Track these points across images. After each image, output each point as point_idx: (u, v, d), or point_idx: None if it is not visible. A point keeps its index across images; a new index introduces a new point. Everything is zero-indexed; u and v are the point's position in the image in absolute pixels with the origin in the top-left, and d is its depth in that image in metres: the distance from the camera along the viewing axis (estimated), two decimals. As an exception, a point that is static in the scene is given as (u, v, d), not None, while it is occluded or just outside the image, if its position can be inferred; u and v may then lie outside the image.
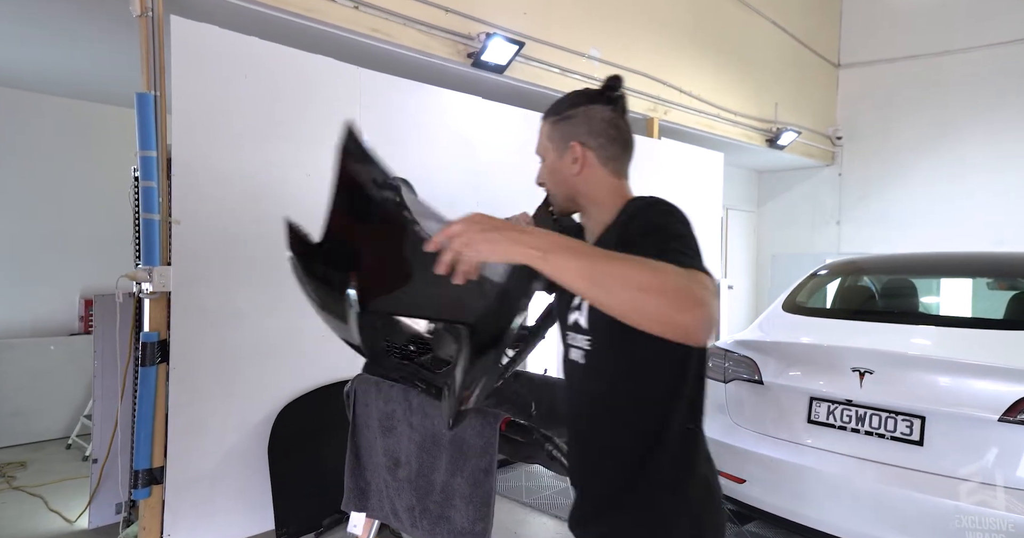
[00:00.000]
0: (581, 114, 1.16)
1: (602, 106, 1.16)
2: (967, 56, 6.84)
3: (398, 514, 1.63)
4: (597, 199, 1.17)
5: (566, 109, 1.17)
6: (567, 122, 1.16)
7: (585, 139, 1.15)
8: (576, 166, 1.16)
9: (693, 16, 5.42)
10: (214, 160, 2.64)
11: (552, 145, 1.18)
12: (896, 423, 2.27)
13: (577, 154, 1.15)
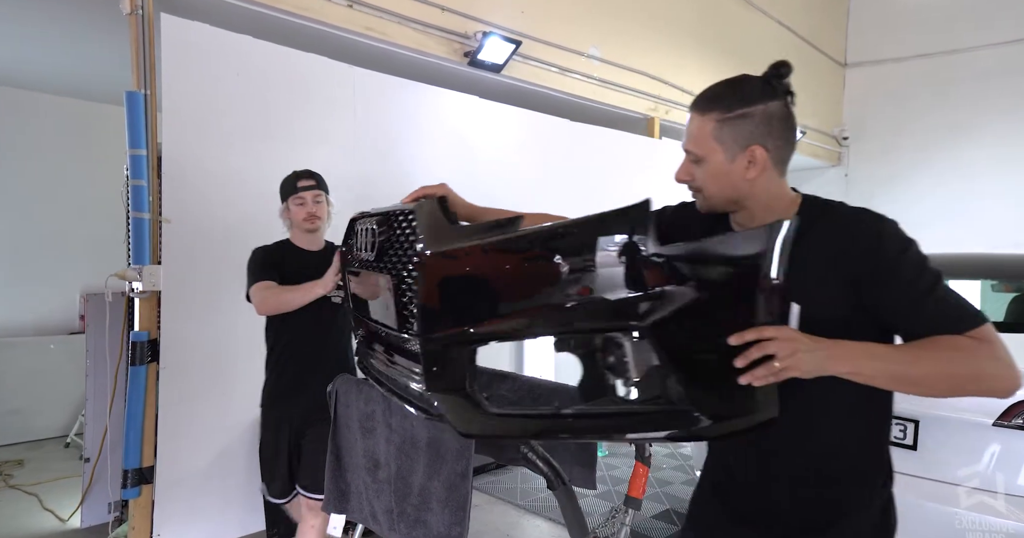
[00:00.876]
0: (760, 113, 1.05)
1: (778, 102, 1.06)
2: (976, 54, 6.74)
3: (377, 517, 1.61)
4: (766, 202, 1.09)
5: (740, 105, 1.05)
6: (743, 121, 1.05)
7: (764, 141, 1.05)
8: (752, 170, 1.06)
9: (695, 14, 5.37)
10: (205, 159, 2.63)
11: (721, 146, 1.06)
12: (905, 429, 2.22)
13: (756, 158, 1.05)
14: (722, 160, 1.06)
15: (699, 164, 1.09)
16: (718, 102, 1.06)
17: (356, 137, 3.12)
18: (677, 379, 0.91)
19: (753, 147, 1.04)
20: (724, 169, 1.06)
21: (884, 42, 7.46)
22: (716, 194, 1.10)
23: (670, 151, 5.02)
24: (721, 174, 1.07)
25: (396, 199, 3.45)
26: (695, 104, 1.09)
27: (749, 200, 1.09)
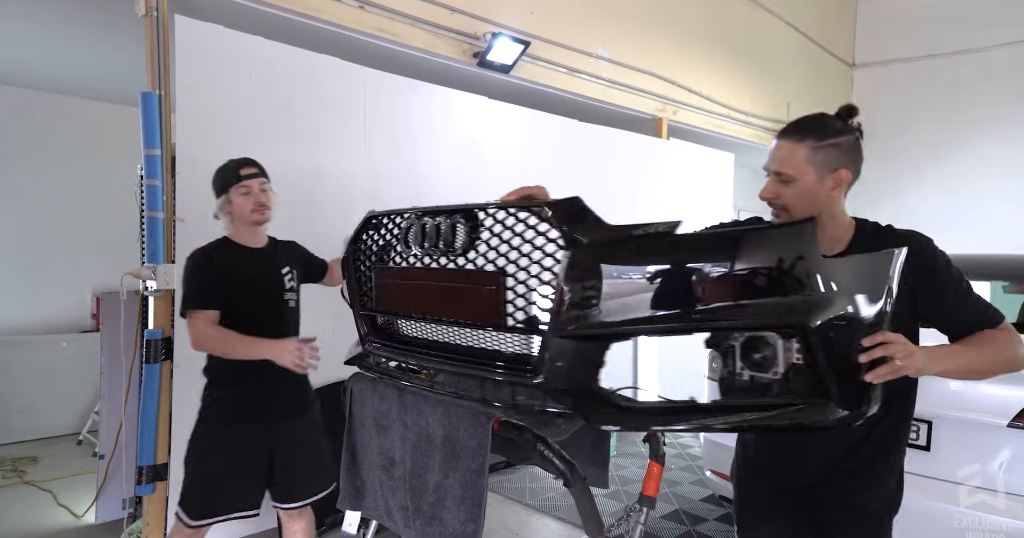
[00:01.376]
0: (845, 143, 1.28)
1: (854, 137, 1.31)
2: (986, 55, 6.71)
3: (392, 513, 1.62)
4: (837, 217, 1.34)
5: (831, 135, 1.28)
6: (834, 149, 1.27)
7: (848, 165, 1.29)
8: (835, 190, 1.29)
9: (703, 15, 5.37)
10: (218, 159, 2.63)
11: (813, 168, 1.27)
12: (918, 429, 2.22)
13: (841, 179, 1.28)
14: (812, 180, 1.28)
15: (788, 184, 1.30)
16: (811, 132, 1.28)
17: (366, 137, 3.14)
18: (821, 375, 0.98)
19: (843, 169, 1.28)
20: (813, 189, 1.28)
21: (892, 42, 7.43)
22: (800, 211, 1.30)
23: (679, 152, 5.02)
24: (810, 192, 1.28)
25: (406, 197, 3.46)
26: (789, 134, 1.31)
27: (827, 216, 1.31)
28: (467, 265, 1.24)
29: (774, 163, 1.32)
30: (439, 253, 1.28)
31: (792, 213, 1.32)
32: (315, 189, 2.95)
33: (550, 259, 1.08)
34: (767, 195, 1.34)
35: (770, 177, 1.34)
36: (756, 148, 6.26)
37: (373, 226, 1.53)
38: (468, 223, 1.24)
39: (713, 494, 3.45)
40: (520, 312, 1.12)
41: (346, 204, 3.06)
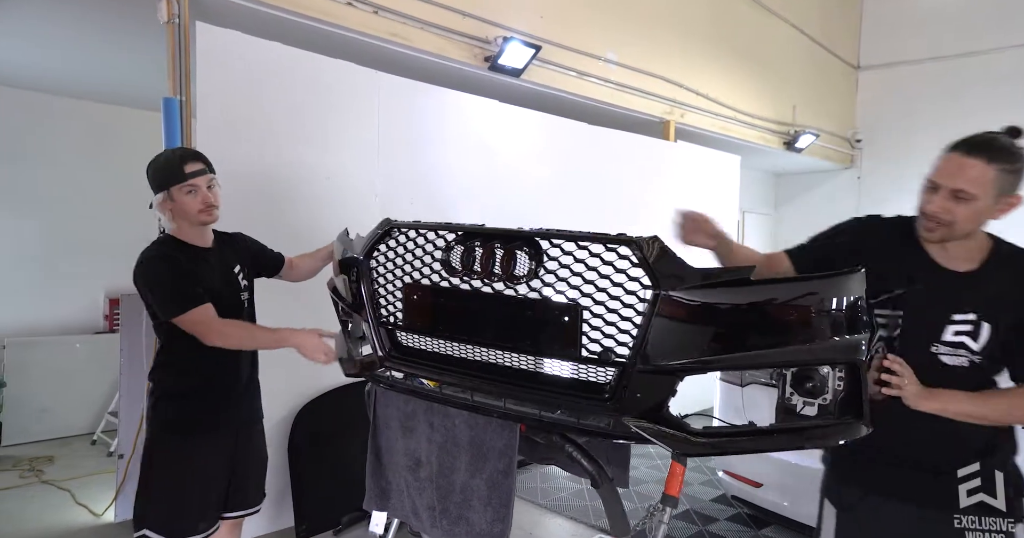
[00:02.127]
0: (1022, 170, 1.30)
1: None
2: (992, 57, 6.73)
3: (418, 513, 1.65)
4: (979, 237, 1.38)
5: (1017, 161, 1.29)
6: (1016, 175, 1.30)
7: (1020, 192, 1.33)
8: (1001, 213, 1.33)
9: (710, 18, 5.40)
10: (237, 163, 2.69)
11: (994, 190, 1.29)
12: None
13: (1012, 204, 1.32)
14: (989, 202, 1.30)
15: (966, 202, 1.30)
16: (1003, 155, 1.29)
17: (380, 140, 3.18)
18: (859, 400, 1.15)
19: (1014, 196, 1.31)
20: (986, 209, 1.31)
21: (897, 44, 7.45)
22: (967, 229, 1.33)
23: (686, 154, 5.06)
24: (983, 212, 1.31)
25: (419, 200, 3.48)
26: (979, 152, 1.29)
27: (974, 232, 1.35)
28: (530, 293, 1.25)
29: (957, 180, 1.30)
30: (496, 279, 1.27)
31: (955, 231, 1.33)
32: (329, 191, 2.99)
33: (633, 296, 1.14)
34: (937, 211, 1.33)
35: (941, 192, 1.32)
36: (763, 150, 6.29)
37: (394, 236, 1.49)
38: (532, 250, 1.24)
39: (724, 494, 3.48)
40: (596, 344, 1.18)
41: (360, 206, 3.10)
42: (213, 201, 1.84)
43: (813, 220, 8.56)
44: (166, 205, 1.82)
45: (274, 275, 2.17)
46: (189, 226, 1.85)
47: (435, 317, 1.43)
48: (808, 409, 1.16)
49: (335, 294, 1.77)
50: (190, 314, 1.74)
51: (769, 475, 2.63)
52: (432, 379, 1.58)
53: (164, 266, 1.77)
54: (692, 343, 1.13)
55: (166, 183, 1.80)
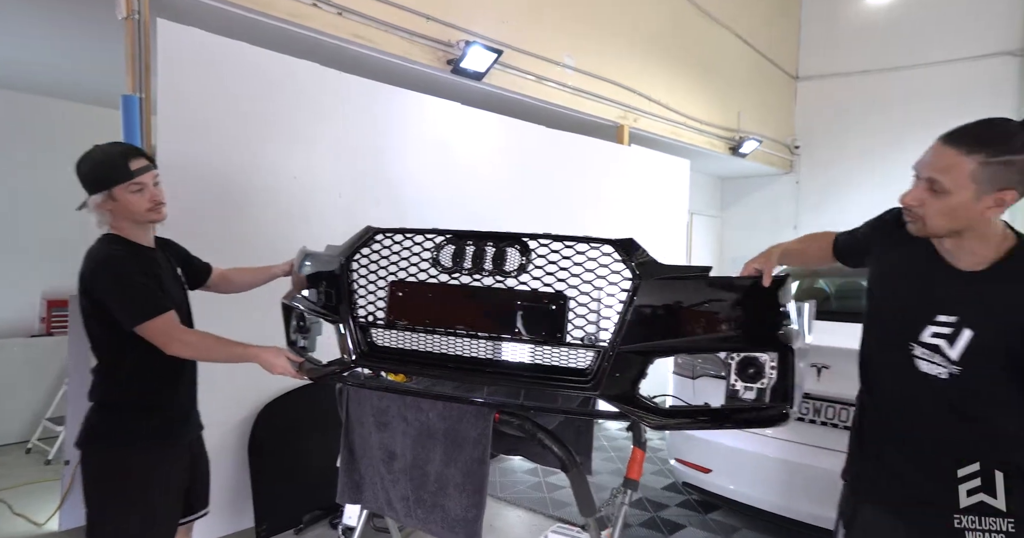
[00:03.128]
0: (1021, 162, 1.10)
1: None
2: (908, 73, 7.26)
3: (392, 504, 1.71)
4: (986, 235, 1.20)
5: (1009, 151, 1.10)
6: (1007, 167, 1.11)
7: (1018, 186, 1.13)
8: (991, 211, 1.15)
9: (662, 28, 5.63)
10: (199, 162, 2.67)
11: (975, 185, 1.12)
12: (849, 413, 2.47)
13: (1004, 201, 1.13)
14: (969, 198, 1.14)
15: (939, 195, 1.16)
16: (986, 144, 1.11)
17: (345, 141, 3.20)
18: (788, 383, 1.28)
19: (1007, 191, 1.13)
20: (966, 205, 1.14)
21: (830, 58, 7.93)
22: (941, 225, 1.19)
23: (639, 158, 5.26)
24: (962, 208, 1.15)
25: (383, 201, 3.51)
26: (957, 140, 1.15)
27: (970, 231, 1.19)
28: (518, 286, 1.37)
29: (930, 169, 1.17)
30: (487, 274, 1.40)
31: (928, 227, 1.21)
32: (295, 191, 2.99)
33: (615, 287, 1.30)
34: (911, 202, 1.22)
35: (918, 182, 1.20)
36: (710, 155, 6.58)
37: (378, 240, 1.56)
38: (521, 247, 1.38)
39: (674, 482, 3.66)
40: (579, 330, 1.32)
41: (325, 206, 3.11)
42: (161, 198, 1.75)
43: (756, 222, 9.01)
44: (106, 205, 1.68)
45: (199, 286, 2.05)
46: (133, 226, 1.74)
47: (423, 311, 1.50)
48: (748, 393, 1.31)
49: (293, 308, 1.81)
50: (156, 321, 1.63)
51: (717, 461, 2.81)
52: (413, 374, 1.66)
53: (126, 269, 1.65)
54: (661, 329, 1.29)
55: (109, 182, 1.67)
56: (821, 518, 2.46)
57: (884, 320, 1.40)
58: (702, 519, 3.24)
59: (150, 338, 1.64)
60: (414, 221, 3.40)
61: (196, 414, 1.94)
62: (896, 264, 1.38)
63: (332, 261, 1.68)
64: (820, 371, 2.53)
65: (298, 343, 1.90)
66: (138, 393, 1.73)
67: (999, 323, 1.18)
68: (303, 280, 1.80)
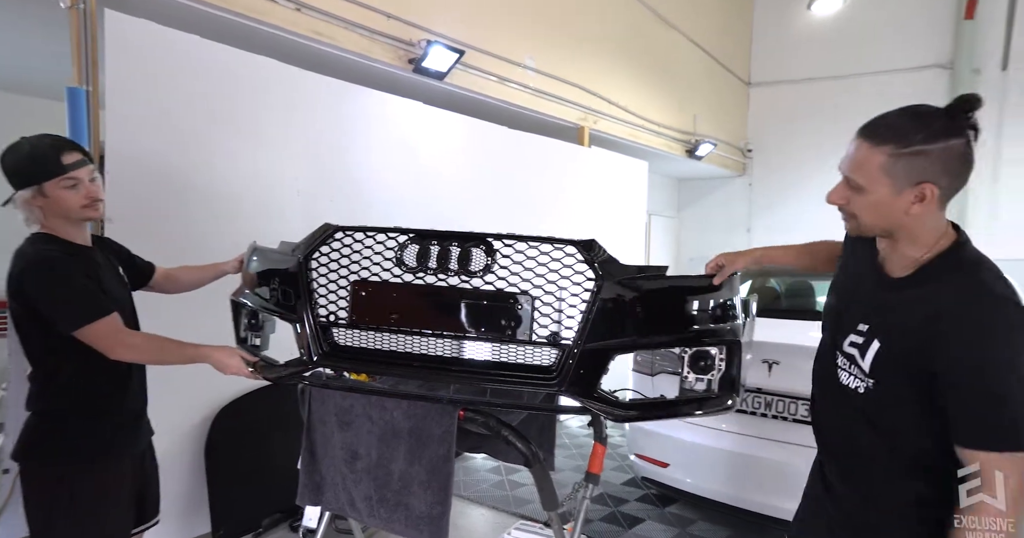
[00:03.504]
0: (939, 151, 1.02)
1: (960, 140, 1.02)
2: (855, 81, 7.61)
3: (355, 504, 1.70)
4: (917, 235, 1.10)
5: (920, 142, 1.02)
6: (919, 158, 1.02)
7: (938, 179, 1.03)
8: (917, 206, 1.06)
9: (622, 32, 5.73)
10: (150, 158, 2.59)
11: (889, 179, 1.05)
12: (797, 407, 2.58)
13: (925, 195, 1.04)
14: (887, 193, 1.06)
15: (858, 192, 1.10)
16: (895, 135, 1.04)
17: (304, 139, 3.15)
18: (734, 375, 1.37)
19: (925, 185, 1.03)
20: (887, 201, 1.07)
21: (780, 66, 8.24)
22: (870, 223, 1.13)
23: (599, 159, 5.34)
24: (883, 205, 1.07)
25: (344, 199, 3.48)
26: (868, 132, 1.07)
27: (900, 231, 1.11)
28: (484, 286, 1.40)
29: (847, 165, 1.11)
30: (452, 274, 1.42)
31: (861, 224, 1.14)
32: (250, 188, 2.93)
33: (579, 287, 1.33)
34: (835, 200, 1.16)
35: (841, 179, 1.14)
36: (667, 157, 6.74)
37: (337, 238, 1.54)
38: (486, 247, 1.40)
39: (633, 478, 3.74)
40: (544, 329, 1.35)
41: (281, 203, 3.06)
42: (98, 194, 1.64)
43: (711, 223, 9.28)
44: (35, 202, 1.57)
45: (141, 286, 1.95)
46: (66, 224, 1.62)
47: (387, 311, 1.49)
48: (699, 384, 1.38)
49: (244, 305, 1.78)
50: (98, 325, 1.53)
51: (675, 455, 2.90)
52: (378, 373, 1.65)
53: (62, 270, 1.54)
54: (621, 326, 1.34)
55: (39, 177, 1.55)
56: (771, 507, 2.56)
57: (823, 329, 1.36)
58: (660, 512, 3.32)
59: (92, 343, 1.55)
60: (376, 220, 3.36)
61: (147, 419, 1.85)
62: (843, 269, 1.36)
63: (287, 258, 1.66)
64: (771, 367, 2.63)
65: (249, 341, 1.86)
66: (82, 400, 1.62)
67: (901, 331, 1.09)
68: (254, 277, 1.76)
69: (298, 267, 1.58)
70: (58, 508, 1.58)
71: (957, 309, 1.02)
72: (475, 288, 1.39)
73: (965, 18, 6.76)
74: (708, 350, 1.36)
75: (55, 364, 1.60)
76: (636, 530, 3.11)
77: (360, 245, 1.52)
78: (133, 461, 1.74)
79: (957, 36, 6.88)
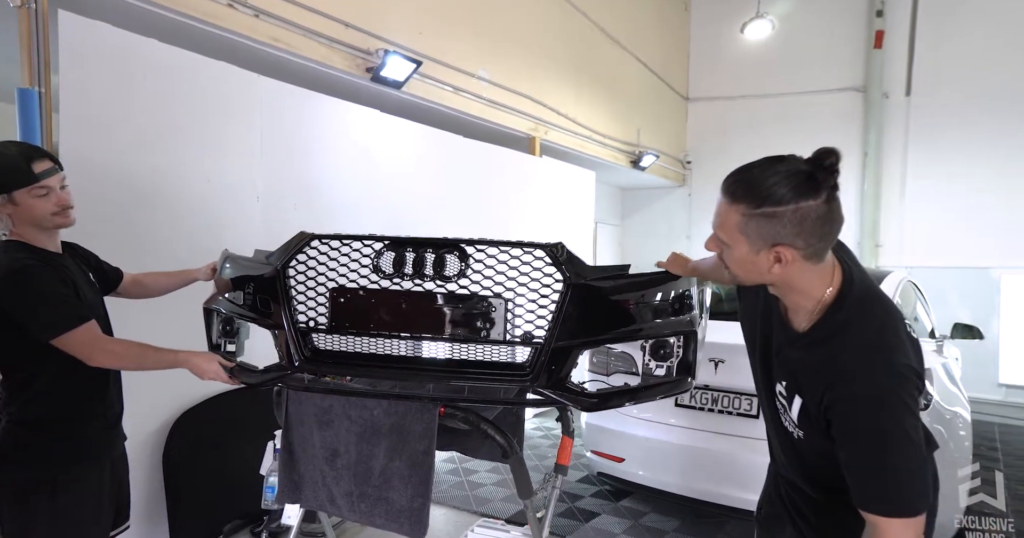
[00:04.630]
0: (790, 213, 0.98)
1: (815, 202, 0.98)
2: (782, 99, 8.15)
3: (335, 501, 1.75)
4: (798, 287, 1.09)
5: (769, 204, 0.99)
6: (770, 221, 1.00)
7: (793, 241, 1.00)
8: (777, 268, 1.04)
9: (570, 47, 5.96)
10: (106, 162, 2.54)
11: (746, 239, 1.03)
12: (740, 401, 2.80)
13: (782, 257, 1.02)
14: (747, 251, 1.05)
15: (725, 247, 1.09)
16: (747, 194, 1.02)
17: (262, 146, 3.14)
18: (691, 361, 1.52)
19: (779, 247, 1.01)
20: (748, 258, 1.06)
21: (715, 83, 8.71)
22: (744, 278, 1.12)
23: (549, 168, 5.52)
24: (745, 262, 1.07)
25: (302, 205, 3.49)
26: (726, 187, 1.06)
27: (780, 286, 1.10)
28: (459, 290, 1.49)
29: (714, 219, 1.10)
30: (428, 279, 1.50)
31: (736, 277, 1.13)
32: (209, 194, 2.91)
33: (548, 288, 1.43)
34: (710, 248, 1.14)
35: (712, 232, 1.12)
36: (613, 167, 7.01)
37: (314, 246, 1.60)
38: (460, 253, 1.49)
39: (588, 475, 3.89)
40: (517, 329, 1.45)
41: (241, 210, 3.04)
42: (69, 202, 1.65)
43: (653, 231, 9.67)
44: (4, 210, 1.56)
45: (109, 291, 1.95)
46: (36, 231, 1.62)
47: (366, 316, 1.56)
48: (659, 370, 1.53)
49: (217, 312, 1.81)
50: (77, 332, 1.54)
51: (629, 451, 3.06)
52: (359, 376, 1.72)
53: (37, 278, 1.54)
54: (590, 323, 1.46)
55: (9, 185, 1.54)
56: (719, 495, 2.76)
57: (750, 356, 1.36)
58: (615, 506, 3.48)
59: (70, 350, 1.55)
60: (336, 226, 3.39)
61: (120, 427, 1.86)
62: (751, 304, 1.31)
63: (263, 266, 1.70)
64: (717, 365, 2.84)
65: (223, 347, 1.88)
66: (61, 406, 1.62)
67: (810, 395, 1.10)
68: (228, 284, 1.78)
69: (275, 274, 1.63)
70: (37, 515, 1.57)
71: (843, 382, 1.03)
72: (450, 292, 1.48)
73: (875, 47, 7.39)
74: (668, 340, 1.51)
75: (32, 372, 1.59)
76: (592, 523, 3.25)
77: (336, 252, 1.58)
78: (113, 466, 1.75)
79: (868, 63, 7.51)
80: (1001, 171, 6.72)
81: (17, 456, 1.59)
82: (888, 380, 1.01)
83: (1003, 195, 6.69)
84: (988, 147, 6.80)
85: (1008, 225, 6.66)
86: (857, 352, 1.04)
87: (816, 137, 1.77)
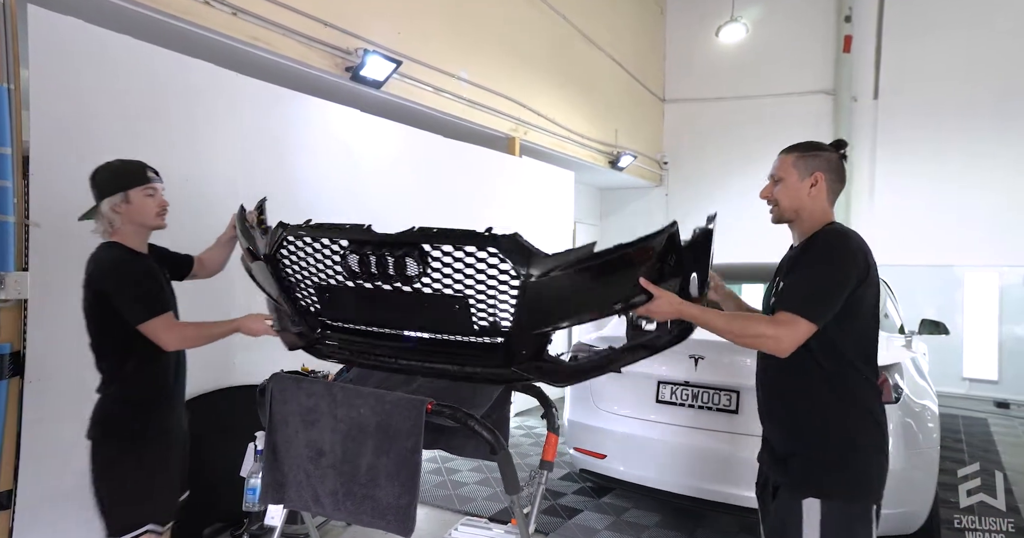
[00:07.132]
0: (824, 156, 1.65)
1: (836, 155, 1.67)
2: (756, 101, 8.31)
3: (320, 500, 1.74)
4: (812, 216, 1.66)
5: (812, 149, 1.66)
6: (813, 158, 1.65)
7: (824, 171, 1.64)
8: (813, 189, 1.64)
9: (550, 48, 5.99)
10: (78, 161, 2.47)
11: (796, 171, 1.66)
12: (720, 397, 2.85)
13: (817, 180, 1.64)
14: (795, 179, 1.66)
15: (778, 183, 1.69)
16: (799, 147, 1.69)
17: (242, 144, 3.11)
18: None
19: (817, 173, 1.65)
20: (796, 185, 1.66)
21: (691, 85, 8.84)
22: (786, 205, 1.68)
23: (529, 169, 5.54)
24: (794, 189, 1.66)
25: (284, 202, 3.46)
26: (785, 149, 1.71)
27: (802, 210, 1.66)
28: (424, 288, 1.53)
29: (772, 169, 1.71)
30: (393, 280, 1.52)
31: (781, 206, 1.69)
32: (187, 193, 2.86)
33: (506, 285, 1.44)
34: (764, 194, 1.73)
35: (768, 182, 1.72)
36: (591, 167, 7.07)
37: (292, 240, 1.64)
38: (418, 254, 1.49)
39: (570, 472, 3.92)
40: (484, 321, 1.50)
41: (221, 209, 2.98)
42: (166, 205, 1.98)
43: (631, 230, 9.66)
44: (119, 208, 1.88)
45: (184, 277, 2.23)
46: (136, 232, 1.94)
47: (350, 311, 1.64)
48: (650, 325, 1.57)
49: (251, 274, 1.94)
50: (159, 320, 1.84)
51: (611, 447, 3.09)
52: (360, 361, 1.81)
53: (132, 271, 1.87)
54: (557, 307, 1.48)
55: (128, 184, 1.90)
56: (698, 489, 2.81)
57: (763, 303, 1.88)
58: (596, 503, 3.52)
59: (152, 335, 1.84)
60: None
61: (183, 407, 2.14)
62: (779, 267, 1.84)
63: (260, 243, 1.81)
64: (697, 361, 2.89)
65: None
66: (147, 388, 1.93)
67: (789, 268, 1.67)
68: (248, 256, 1.94)
69: (270, 263, 1.72)
70: (127, 483, 1.88)
71: (810, 248, 1.62)
72: (415, 290, 1.53)
73: (843, 52, 7.58)
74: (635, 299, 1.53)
75: (122, 357, 1.89)
76: (575, 520, 3.28)
77: (311, 249, 1.62)
78: (173, 455, 2.03)
79: (838, 67, 7.70)
80: (964, 172, 6.96)
81: (115, 428, 1.90)
82: (840, 246, 1.58)
83: (966, 195, 6.93)
84: (952, 149, 7.04)
85: (970, 224, 6.89)
86: (824, 237, 1.62)
87: (789, 138, 1.86)
